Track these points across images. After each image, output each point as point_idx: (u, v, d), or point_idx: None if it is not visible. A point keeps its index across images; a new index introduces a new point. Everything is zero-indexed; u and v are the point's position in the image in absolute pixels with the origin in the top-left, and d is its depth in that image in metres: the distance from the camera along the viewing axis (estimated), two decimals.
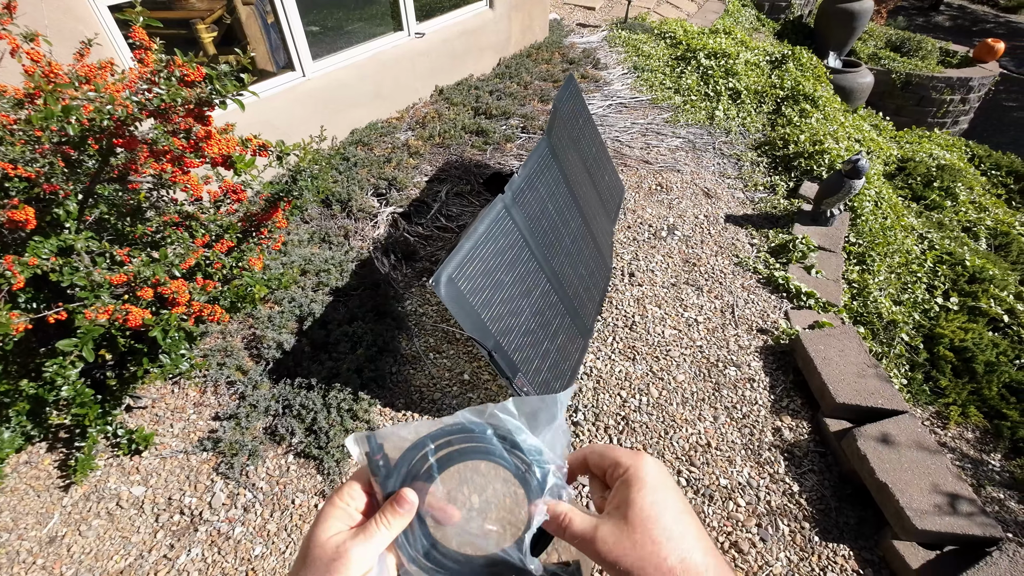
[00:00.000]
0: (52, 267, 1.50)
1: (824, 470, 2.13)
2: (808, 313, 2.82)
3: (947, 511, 1.84)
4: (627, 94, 4.80)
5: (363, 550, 0.40)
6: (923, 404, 2.72)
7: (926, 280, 3.41)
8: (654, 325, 2.69)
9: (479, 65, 4.80)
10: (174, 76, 1.55)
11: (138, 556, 1.78)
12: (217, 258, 1.91)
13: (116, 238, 1.85)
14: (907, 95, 7.55)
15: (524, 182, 2.19)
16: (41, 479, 1.96)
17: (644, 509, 0.39)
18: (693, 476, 2.08)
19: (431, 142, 3.84)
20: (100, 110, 1.42)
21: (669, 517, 0.39)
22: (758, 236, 3.36)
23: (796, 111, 4.64)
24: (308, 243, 2.96)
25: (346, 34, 3.76)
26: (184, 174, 1.67)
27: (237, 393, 2.23)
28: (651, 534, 0.38)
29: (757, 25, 7.72)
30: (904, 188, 4.63)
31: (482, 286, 1.88)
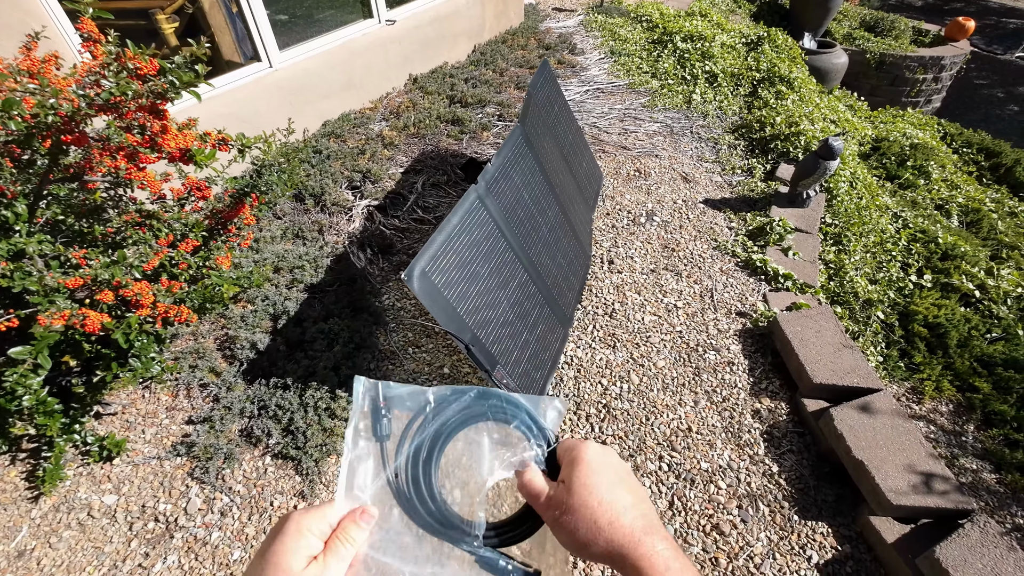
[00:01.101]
0: (2, 272, 1.43)
1: (802, 450, 2.16)
2: (786, 295, 2.84)
3: (921, 486, 1.87)
4: (604, 79, 4.76)
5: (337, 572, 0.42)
6: (899, 380, 2.77)
7: (900, 258, 3.46)
8: (634, 312, 2.68)
9: (453, 52, 4.71)
10: (125, 69, 1.48)
11: (112, 566, 1.74)
12: (182, 258, 1.85)
13: (73, 240, 1.78)
14: (881, 75, 7.60)
15: (498, 171, 2.16)
16: (7, 492, 1.90)
17: (583, 481, 0.46)
18: (675, 461, 2.09)
19: (406, 132, 3.77)
20: (43, 104, 1.35)
21: (603, 488, 0.46)
22: (736, 219, 3.37)
23: (772, 93, 4.65)
24: (281, 239, 2.89)
25: (316, 23, 3.66)
26: (140, 171, 1.60)
27: (211, 396, 2.18)
28: (587, 501, 0.45)
29: (733, 7, 7.70)
30: (879, 168, 4.68)
31: (457, 279, 1.85)
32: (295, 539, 0.42)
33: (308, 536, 0.43)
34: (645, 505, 0.47)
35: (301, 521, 0.43)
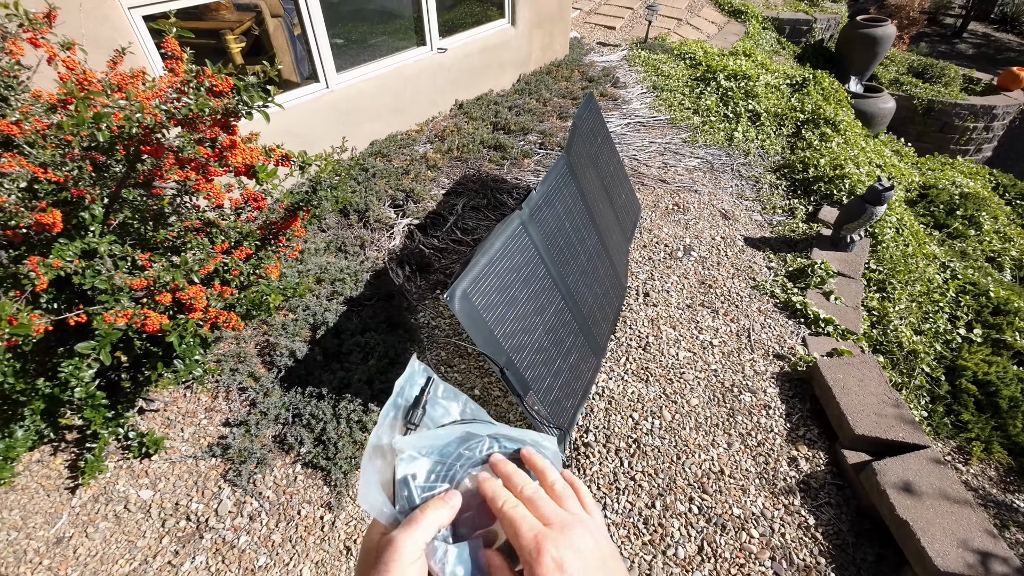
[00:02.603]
0: (75, 269, 1.52)
1: (841, 503, 2.07)
2: (826, 340, 2.76)
3: (971, 554, 1.77)
4: (645, 113, 4.81)
5: (410, 538, 0.41)
6: (944, 438, 2.64)
7: (948, 310, 3.33)
8: (668, 346, 2.65)
9: (499, 81, 4.85)
10: (203, 86, 1.58)
11: (143, 561, 1.77)
12: (235, 265, 1.92)
13: (138, 242, 1.88)
14: (929, 121, 7.47)
15: (542, 199, 2.19)
16: (52, 478, 1.97)
17: None
18: (705, 504, 2.03)
19: (449, 155, 3.87)
20: (129, 118, 1.45)
21: None
22: (776, 259, 3.32)
23: (816, 135, 4.61)
24: (324, 252, 2.98)
25: (370, 47, 3.83)
26: (207, 182, 1.69)
27: (248, 400, 2.24)
28: None
29: (777, 48, 7.72)
30: (926, 216, 4.56)
31: (496, 302, 1.87)
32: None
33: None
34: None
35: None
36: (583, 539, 0.42)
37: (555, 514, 0.43)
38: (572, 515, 0.44)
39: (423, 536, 0.42)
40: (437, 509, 0.44)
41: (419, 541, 0.42)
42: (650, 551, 1.89)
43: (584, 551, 0.41)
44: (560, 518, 0.43)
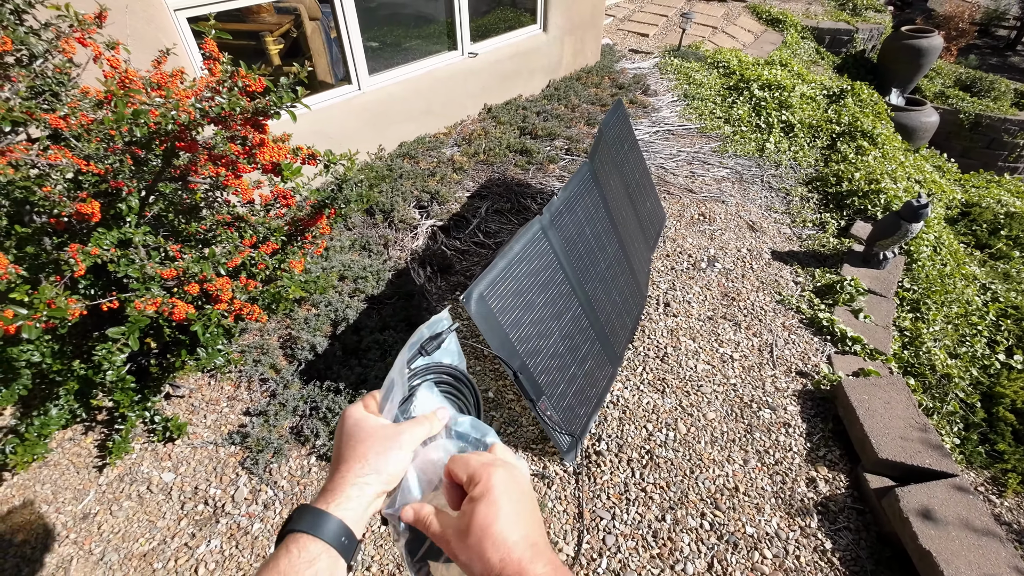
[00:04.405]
0: (111, 258, 1.59)
1: (861, 529, 2.00)
2: (853, 359, 2.68)
3: None
4: (675, 121, 4.76)
5: (412, 437, 0.55)
6: (977, 468, 2.52)
7: (987, 334, 3.19)
8: (687, 358, 2.61)
9: (529, 86, 4.87)
10: (237, 86, 1.64)
11: (162, 541, 1.84)
12: (262, 259, 1.98)
13: (171, 234, 1.96)
14: (976, 137, 7.17)
15: (563, 204, 2.19)
16: (82, 456, 2.07)
17: (478, 519, 0.47)
18: (718, 521, 1.99)
19: (475, 159, 3.91)
20: (165, 115, 1.51)
21: (499, 526, 0.46)
22: (803, 274, 3.24)
23: (852, 148, 4.48)
24: (349, 250, 3.04)
25: (403, 51, 3.90)
26: (236, 178, 1.75)
27: (269, 391, 2.30)
28: (481, 541, 0.46)
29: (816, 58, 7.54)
30: (967, 235, 4.37)
31: (513, 306, 1.88)
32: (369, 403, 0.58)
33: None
34: (535, 532, 0.48)
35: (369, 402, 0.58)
36: (518, 473, 0.52)
37: (494, 458, 0.53)
38: (508, 459, 0.54)
39: (421, 435, 0.55)
40: (432, 421, 0.57)
41: (417, 440, 0.55)
42: (658, 565, 1.86)
43: (518, 480, 0.51)
44: (500, 459, 0.53)
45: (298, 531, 0.47)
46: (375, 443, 0.53)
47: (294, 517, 0.48)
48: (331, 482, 0.51)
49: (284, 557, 0.45)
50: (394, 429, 0.54)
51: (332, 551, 0.47)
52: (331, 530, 0.47)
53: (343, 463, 0.52)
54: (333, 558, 0.46)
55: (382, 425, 0.55)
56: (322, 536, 0.47)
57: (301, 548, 0.46)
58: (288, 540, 0.47)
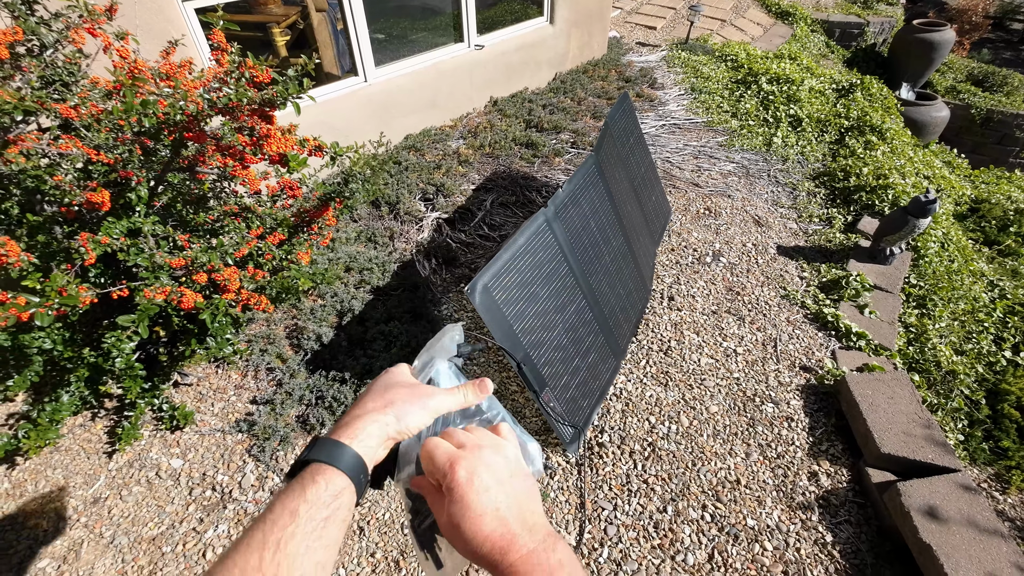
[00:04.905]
0: (121, 247, 1.62)
1: (862, 522, 2.01)
2: (857, 354, 2.67)
3: None
4: (682, 115, 4.74)
5: (442, 403, 0.55)
6: (981, 464, 2.52)
7: (994, 331, 3.17)
8: (690, 352, 2.62)
9: (535, 79, 4.85)
10: (244, 77, 1.65)
11: (170, 526, 1.87)
12: (269, 249, 2.00)
13: (179, 224, 1.98)
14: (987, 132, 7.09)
15: (568, 197, 2.20)
16: (92, 442, 2.10)
17: (449, 518, 0.47)
18: (719, 513, 2.00)
19: (481, 151, 3.91)
20: (173, 105, 1.52)
21: (465, 526, 0.46)
22: (809, 269, 3.23)
23: (861, 142, 4.44)
24: (355, 241, 3.06)
25: (409, 43, 3.89)
26: (244, 169, 1.77)
27: (275, 380, 2.33)
28: (453, 539, 0.47)
29: (826, 52, 7.46)
30: (976, 231, 4.34)
31: (517, 297, 1.89)
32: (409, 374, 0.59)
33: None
34: (513, 518, 0.47)
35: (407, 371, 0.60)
36: (492, 457, 0.50)
37: (467, 439, 0.52)
38: (482, 441, 0.52)
39: (450, 406, 0.56)
40: (471, 391, 0.58)
41: (447, 406, 0.56)
42: (659, 555, 1.88)
43: (493, 466, 0.49)
44: (472, 442, 0.51)
45: (322, 462, 0.46)
46: (404, 393, 0.54)
47: (316, 448, 0.48)
48: (348, 416, 0.51)
49: (311, 486, 0.44)
50: (428, 389, 0.55)
51: (352, 487, 0.46)
52: (353, 465, 0.47)
53: (368, 402, 0.52)
54: (352, 494, 0.47)
55: (417, 383, 0.56)
56: (346, 470, 0.46)
57: (328, 480, 0.45)
58: (313, 470, 0.46)
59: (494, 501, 0.47)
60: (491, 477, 0.48)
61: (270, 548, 0.40)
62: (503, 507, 0.47)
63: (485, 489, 0.47)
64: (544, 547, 0.46)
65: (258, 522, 0.43)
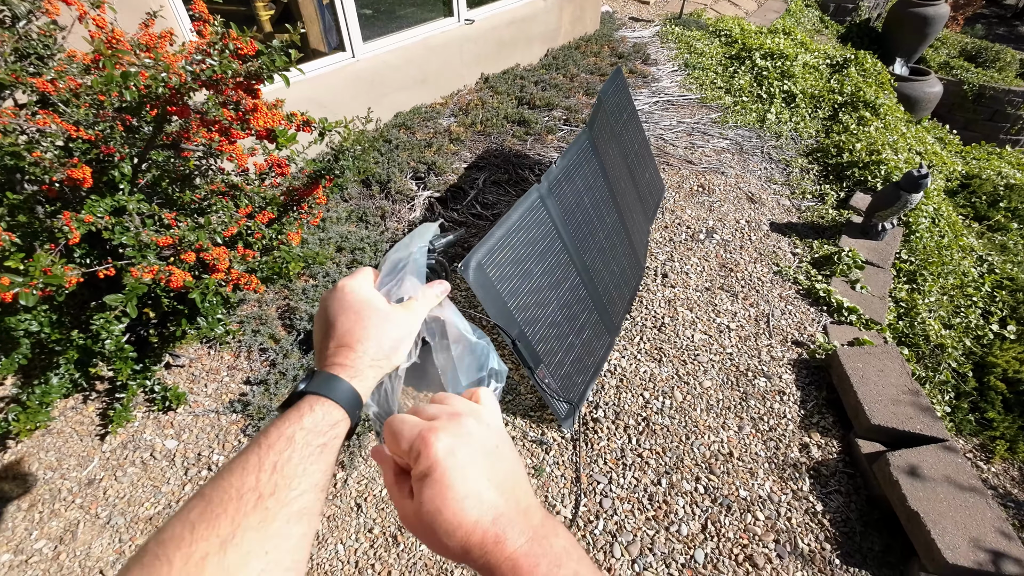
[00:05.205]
0: (105, 225, 1.58)
1: (851, 492, 2.05)
2: (848, 329, 2.70)
3: (983, 549, 1.74)
4: (675, 92, 4.69)
5: (418, 315, 0.54)
6: (966, 435, 2.58)
7: (982, 305, 3.21)
8: (684, 328, 2.63)
9: (527, 55, 4.77)
10: (228, 48, 1.60)
11: (166, 505, 1.87)
12: (258, 228, 1.97)
13: (165, 202, 1.94)
14: (979, 108, 7.09)
15: (561, 173, 2.17)
16: (84, 424, 2.09)
17: (425, 506, 0.39)
18: (712, 485, 2.03)
19: (472, 129, 3.85)
20: (156, 77, 1.48)
21: (448, 512, 0.38)
22: (801, 246, 3.24)
23: (854, 118, 4.43)
24: (346, 221, 3.02)
25: (397, 18, 3.80)
26: (231, 144, 1.72)
27: (268, 360, 2.31)
28: (432, 529, 0.39)
29: (820, 27, 7.39)
30: (966, 207, 4.36)
31: (511, 274, 1.88)
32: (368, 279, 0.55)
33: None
34: (502, 498, 0.40)
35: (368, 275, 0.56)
36: (472, 425, 0.42)
37: (440, 411, 0.43)
38: (457, 409, 0.44)
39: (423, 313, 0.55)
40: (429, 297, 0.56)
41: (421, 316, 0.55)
42: (653, 526, 1.91)
43: (476, 435, 0.42)
44: (445, 412, 0.43)
45: (321, 395, 0.45)
46: (389, 327, 0.51)
47: (314, 380, 0.46)
48: (345, 357, 0.48)
49: (309, 415, 0.43)
50: (404, 315, 0.53)
51: (348, 420, 0.46)
52: (351, 400, 0.46)
53: (357, 341, 0.49)
54: (347, 426, 0.46)
55: (393, 308, 0.53)
56: (343, 404, 0.45)
57: (326, 411, 0.44)
58: (309, 401, 0.44)
59: (480, 479, 0.39)
60: (475, 450, 0.41)
61: (266, 470, 0.39)
62: (492, 487, 0.40)
63: (469, 464, 0.40)
64: (544, 532, 0.39)
65: (252, 446, 0.41)
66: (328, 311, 0.52)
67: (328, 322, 0.52)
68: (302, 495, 0.40)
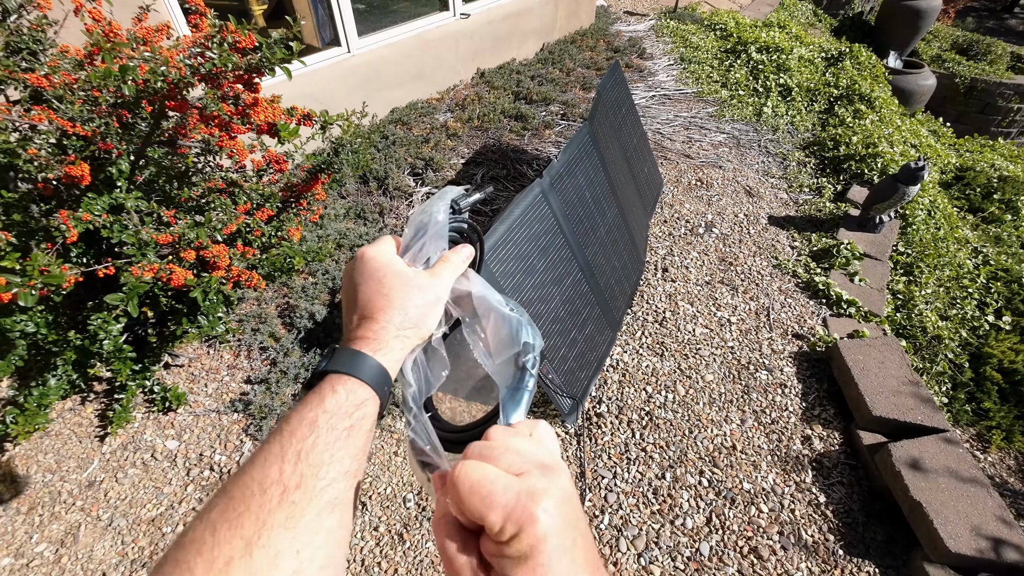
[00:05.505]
0: (103, 224, 1.55)
1: (854, 483, 2.06)
2: (848, 321, 2.71)
3: (984, 537, 1.76)
4: (672, 86, 4.68)
5: (447, 287, 0.51)
6: (964, 425, 2.60)
7: (977, 296, 3.24)
8: (685, 322, 2.63)
9: (522, 49, 4.74)
10: (226, 42, 1.57)
11: (169, 507, 1.85)
12: (257, 226, 1.94)
13: (164, 200, 1.91)
14: (971, 101, 7.14)
15: (563, 167, 2.16)
16: (83, 426, 2.06)
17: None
18: (716, 478, 2.04)
19: (470, 125, 3.83)
20: (154, 71, 1.45)
21: None
22: (800, 239, 3.25)
23: (850, 111, 4.44)
24: (344, 218, 2.99)
25: (392, 12, 3.76)
26: (231, 139, 1.70)
27: (269, 359, 2.29)
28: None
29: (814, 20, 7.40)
30: (961, 199, 4.40)
31: (514, 270, 1.87)
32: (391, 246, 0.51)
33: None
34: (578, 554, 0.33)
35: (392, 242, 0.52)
36: (569, 487, 0.35)
37: (522, 462, 0.35)
38: (538, 457, 0.36)
39: (451, 281, 0.51)
40: (455, 262, 0.52)
41: (449, 282, 0.51)
42: (658, 520, 1.91)
43: (573, 501, 0.35)
44: (531, 463, 0.35)
45: (343, 372, 0.42)
46: (414, 293, 0.48)
47: (335, 358, 0.44)
48: (368, 330, 0.46)
49: (331, 397, 0.41)
50: (429, 280, 0.49)
51: (376, 398, 0.43)
52: (377, 376, 0.43)
53: (380, 311, 0.46)
54: (375, 405, 0.43)
55: (416, 273, 0.49)
56: (369, 381, 0.42)
57: (349, 391, 0.41)
58: (332, 380, 0.42)
59: (584, 552, 0.33)
60: (577, 526, 0.34)
61: (290, 460, 0.37)
62: (588, 558, 0.33)
63: (571, 547, 0.32)
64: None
65: (274, 434, 0.39)
66: (350, 283, 0.50)
67: (350, 295, 0.49)
68: (331, 484, 0.38)
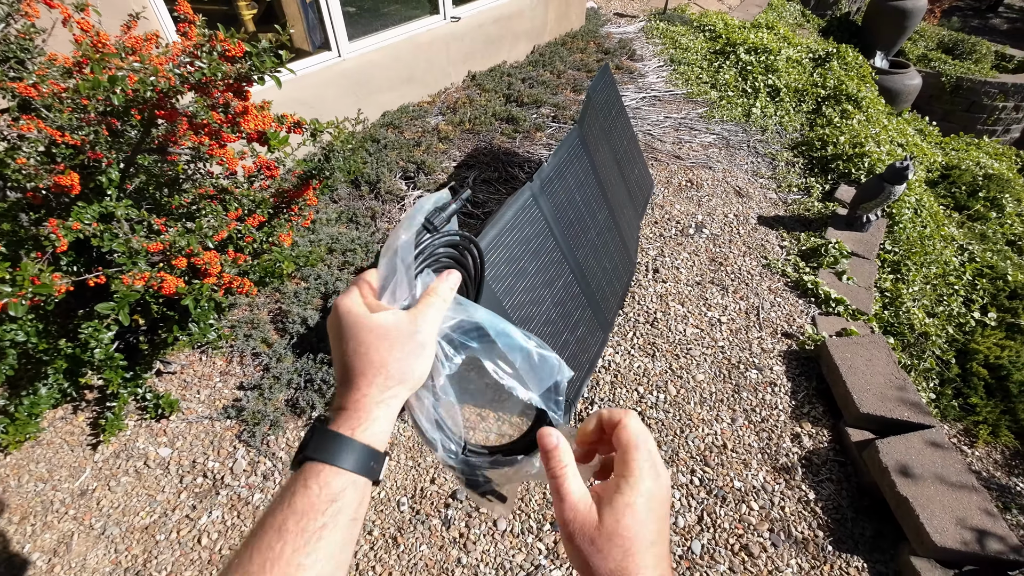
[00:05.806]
0: (94, 232, 1.55)
1: (842, 480, 2.09)
2: (836, 320, 2.75)
3: (969, 531, 1.79)
4: (662, 87, 4.71)
5: (433, 327, 0.46)
6: (951, 420, 2.64)
7: (964, 293, 3.29)
8: (676, 323, 2.66)
9: (513, 52, 4.76)
10: (215, 51, 1.57)
11: (162, 514, 1.85)
12: (248, 232, 1.95)
13: (154, 207, 1.91)
14: (957, 100, 7.23)
15: (553, 171, 2.18)
16: (75, 435, 2.05)
17: (622, 524, 0.39)
18: (707, 476, 2.06)
19: (461, 128, 3.84)
20: (144, 81, 1.45)
21: (644, 535, 0.39)
22: (789, 238, 3.29)
23: (837, 111, 4.49)
24: (336, 222, 3.00)
25: (382, 16, 3.77)
26: (221, 147, 1.70)
27: (261, 365, 2.29)
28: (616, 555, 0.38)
29: (802, 21, 7.47)
30: (947, 197, 4.45)
31: (505, 273, 1.88)
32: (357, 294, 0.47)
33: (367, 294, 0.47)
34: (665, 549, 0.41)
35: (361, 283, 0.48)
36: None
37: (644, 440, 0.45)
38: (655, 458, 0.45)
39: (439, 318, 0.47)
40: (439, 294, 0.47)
41: (438, 323, 0.46)
42: None
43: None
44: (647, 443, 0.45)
45: (317, 461, 0.41)
46: (394, 346, 0.44)
47: (312, 443, 0.42)
48: (348, 400, 0.43)
49: (302, 494, 0.39)
50: (409, 323, 0.45)
51: (359, 479, 0.41)
52: (359, 458, 0.41)
53: (359, 376, 0.43)
54: (360, 486, 0.42)
55: (394, 320, 0.45)
56: (347, 467, 0.41)
57: (322, 484, 0.40)
58: (306, 472, 0.40)
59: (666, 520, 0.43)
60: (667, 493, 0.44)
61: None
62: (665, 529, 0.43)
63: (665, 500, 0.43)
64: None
65: (247, 541, 0.39)
66: (331, 339, 0.47)
67: (333, 352, 0.47)
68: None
